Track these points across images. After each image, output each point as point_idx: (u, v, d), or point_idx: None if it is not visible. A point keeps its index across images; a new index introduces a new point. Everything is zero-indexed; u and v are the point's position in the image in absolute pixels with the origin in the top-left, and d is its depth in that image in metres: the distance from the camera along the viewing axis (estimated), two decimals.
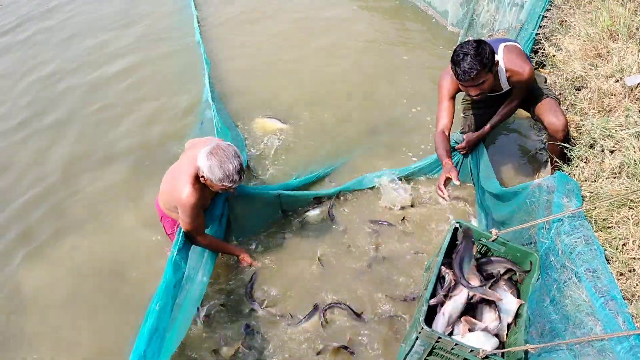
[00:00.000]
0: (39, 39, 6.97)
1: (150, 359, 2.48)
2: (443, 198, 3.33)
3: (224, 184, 2.94)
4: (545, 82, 3.75)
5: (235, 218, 3.74)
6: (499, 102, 3.62)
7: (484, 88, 3.23)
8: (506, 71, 3.38)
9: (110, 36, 6.92)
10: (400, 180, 4.23)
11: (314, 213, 4.09)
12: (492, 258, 3.06)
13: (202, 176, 2.97)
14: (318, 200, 4.16)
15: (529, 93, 3.57)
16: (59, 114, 5.46)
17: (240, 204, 3.74)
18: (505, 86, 3.48)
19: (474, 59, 3.06)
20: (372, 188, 4.27)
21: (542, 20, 4.73)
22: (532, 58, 4.56)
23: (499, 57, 3.34)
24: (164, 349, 2.67)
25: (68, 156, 4.89)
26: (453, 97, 3.58)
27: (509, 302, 2.85)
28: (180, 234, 3.15)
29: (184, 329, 3.09)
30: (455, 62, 3.14)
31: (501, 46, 3.39)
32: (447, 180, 3.30)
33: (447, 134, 3.57)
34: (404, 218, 4.00)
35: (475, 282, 2.89)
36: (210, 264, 3.45)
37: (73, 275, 3.75)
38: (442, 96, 3.57)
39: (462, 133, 3.92)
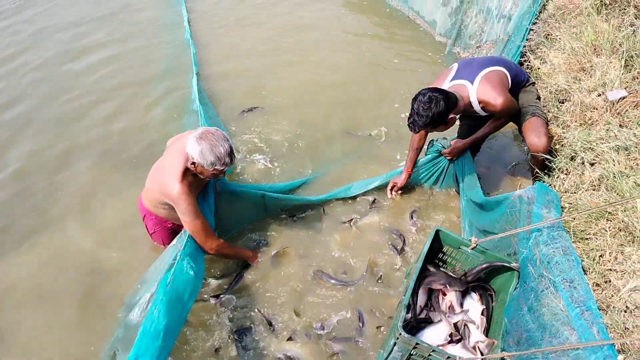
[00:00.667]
0: (14, 30, 6.94)
1: None
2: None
3: (215, 167, 2.93)
4: (538, 98, 3.77)
5: (220, 217, 3.72)
6: (490, 116, 3.67)
7: (438, 131, 3.49)
8: (479, 102, 3.44)
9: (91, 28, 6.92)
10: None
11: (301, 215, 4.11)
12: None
13: (193, 163, 2.94)
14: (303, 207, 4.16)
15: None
16: (36, 107, 5.43)
17: (224, 203, 3.71)
18: (481, 112, 3.54)
19: (419, 118, 3.23)
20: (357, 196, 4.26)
21: (528, 33, 4.79)
22: None
23: (473, 88, 3.42)
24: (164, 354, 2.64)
25: (42, 150, 4.82)
26: None
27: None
28: (187, 236, 3.08)
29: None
30: (411, 110, 3.30)
31: (480, 75, 3.43)
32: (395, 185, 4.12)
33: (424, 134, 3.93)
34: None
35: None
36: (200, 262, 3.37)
37: (49, 273, 3.68)
38: None
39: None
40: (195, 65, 5.76)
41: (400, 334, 2.49)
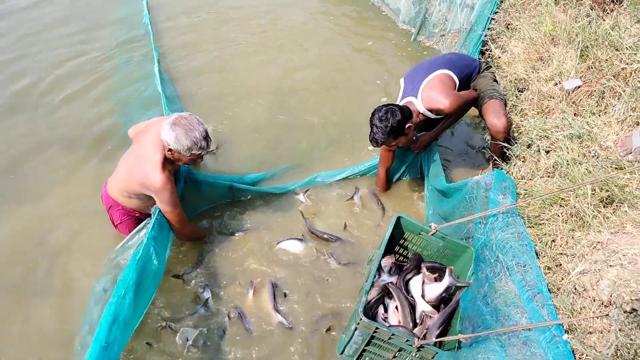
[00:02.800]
0: None
1: (112, 350, 2.46)
2: None
3: (192, 152, 2.94)
4: (495, 81, 3.87)
5: (185, 199, 3.73)
6: None
7: (399, 146, 3.64)
8: (430, 111, 3.58)
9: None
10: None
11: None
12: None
13: (170, 150, 2.93)
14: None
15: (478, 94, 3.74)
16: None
17: (191, 186, 3.73)
18: (441, 116, 3.66)
19: (379, 129, 3.38)
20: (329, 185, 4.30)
21: (490, 22, 4.86)
22: (479, 59, 4.69)
23: (418, 101, 3.58)
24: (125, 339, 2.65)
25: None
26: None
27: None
28: (155, 219, 3.08)
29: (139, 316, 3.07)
30: (370, 125, 3.45)
31: (421, 87, 3.59)
32: None
33: (388, 174, 4.18)
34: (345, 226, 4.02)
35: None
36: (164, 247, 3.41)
37: None
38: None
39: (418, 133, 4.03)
40: (155, 51, 5.65)
41: (361, 319, 2.54)
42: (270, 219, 3.99)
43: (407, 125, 3.43)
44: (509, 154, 3.48)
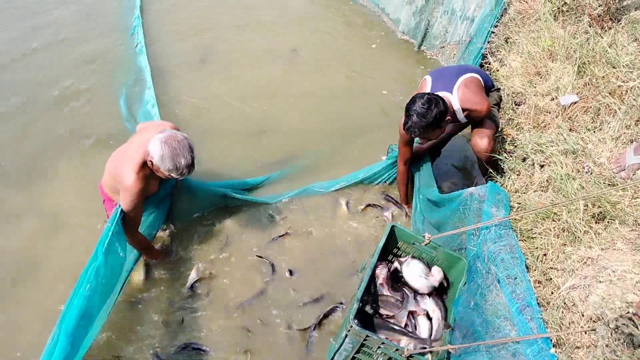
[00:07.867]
0: None
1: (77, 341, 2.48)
2: None
3: (171, 174, 2.93)
4: (497, 104, 3.78)
5: (175, 203, 3.78)
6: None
7: (432, 138, 3.49)
8: (463, 110, 3.43)
9: None
10: None
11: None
12: None
13: (151, 161, 2.93)
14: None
15: None
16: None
17: (184, 195, 3.75)
18: (463, 120, 3.55)
19: (420, 120, 3.16)
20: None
21: (490, 35, 4.90)
22: None
23: (453, 97, 3.40)
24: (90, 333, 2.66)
25: None
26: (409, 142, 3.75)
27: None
28: (118, 214, 3.08)
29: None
30: (406, 114, 3.25)
31: (457, 84, 3.42)
32: None
33: (408, 166, 3.94)
34: None
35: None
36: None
37: None
38: (401, 140, 3.71)
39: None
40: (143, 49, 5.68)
41: (352, 326, 2.55)
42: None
43: (446, 118, 3.28)
44: (504, 167, 3.49)
